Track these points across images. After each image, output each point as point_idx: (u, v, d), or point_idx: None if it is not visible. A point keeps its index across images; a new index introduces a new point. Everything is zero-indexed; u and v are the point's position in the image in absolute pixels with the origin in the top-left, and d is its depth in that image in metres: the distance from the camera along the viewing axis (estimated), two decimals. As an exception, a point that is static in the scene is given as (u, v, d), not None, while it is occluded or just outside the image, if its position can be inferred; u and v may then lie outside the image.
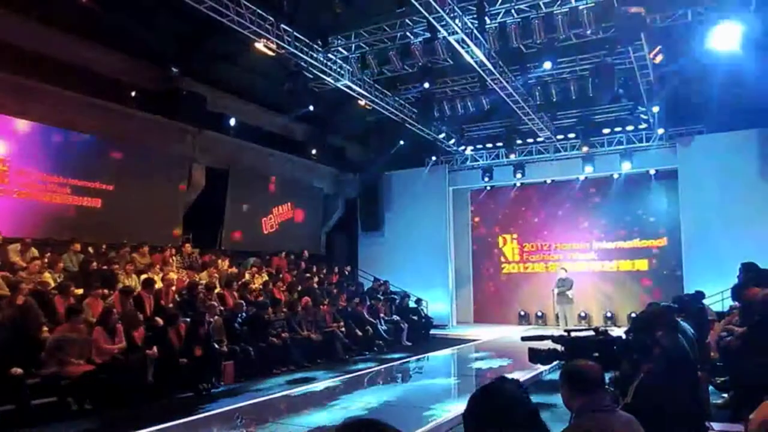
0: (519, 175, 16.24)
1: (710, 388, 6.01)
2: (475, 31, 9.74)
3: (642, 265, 15.74)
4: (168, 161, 12.24)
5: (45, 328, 7.36)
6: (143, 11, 10.69)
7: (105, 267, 9.46)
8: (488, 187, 17.63)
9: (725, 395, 6.33)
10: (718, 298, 11.53)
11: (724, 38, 9.31)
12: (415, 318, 14.47)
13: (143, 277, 9.53)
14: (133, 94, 12.14)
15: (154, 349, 7.81)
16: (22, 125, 9.67)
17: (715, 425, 4.65)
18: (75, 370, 6.90)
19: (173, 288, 9.79)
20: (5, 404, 6.24)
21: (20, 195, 9.60)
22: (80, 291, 8.54)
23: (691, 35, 10.59)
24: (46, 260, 8.76)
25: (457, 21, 9.25)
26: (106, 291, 8.67)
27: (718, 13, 9.11)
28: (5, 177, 9.38)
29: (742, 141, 13.48)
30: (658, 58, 10.59)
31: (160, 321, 8.58)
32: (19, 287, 7.62)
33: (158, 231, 11.76)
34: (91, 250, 9.99)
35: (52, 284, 8.36)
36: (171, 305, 9.35)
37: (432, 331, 14.95)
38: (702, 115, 13.62)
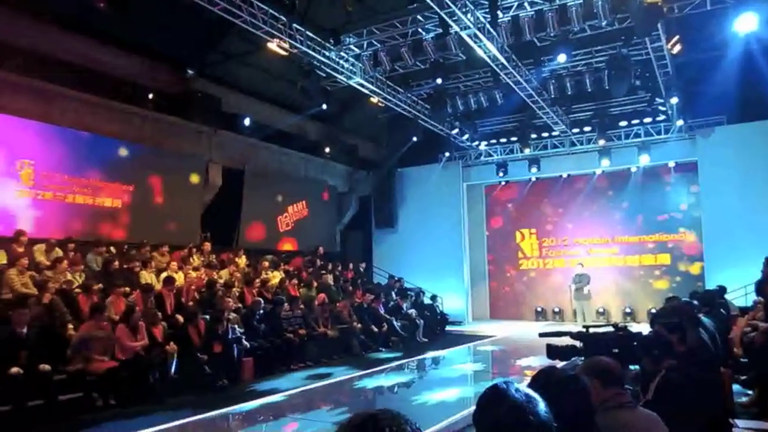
0: (534, 170, 16.12)
1: (734, 385, 5.92)
2: (487, 25, 9.67)
3: (664, 259, 15.52)
4: (185, 161, 12.38)
5: (70, 326, 7.53)
6: (158, 14, 10.80)
7: (126, 266, 9.63)
8: (503, 182, 17.53)
9: (750, 392, 6.23)
10: (741, 293, 11.34)
11: (745, 26, 9.14)
12: (431, 314, 14.48)
13: (164, 275, 9.68)
14: (150, 96, 12.29)
15: (172, 344, 7.93)
16: (45, 128, 9.84)
17: (740, 423, 4.59)
18: (99, 367, 7.06)
19: (193, 286, 9.92)
20: (34, 399, 6.40)
21: (45, 196, 9.81)
22: (97, 287, 8.60)
23: (710, 24, 10.40)
24: (70, 260, 8.92)
25: (469, 16, 9.20)
26: (127, 289, 8.82)
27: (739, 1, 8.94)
28: (31, 179, 9.59)
29: (764, 131, 13.17)
30: (676, 49, 10.41)
31: (180, 318, 8.72)
32: (46, 286, 7.82)
33: (177, 230, 11.92)
34: (113, 249, 10.17)
35: (77, 283, 8.53)
36: (191, 303, 9.48)
37: (448, 328, 14.95)
38: (722, 105, 13.32)
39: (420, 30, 10.73)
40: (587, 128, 15.41)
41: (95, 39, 10.80)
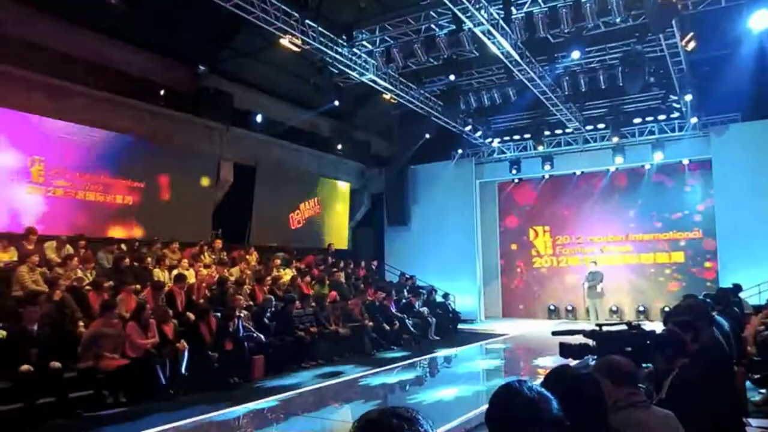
0: (548, 167, 16.01)
1: (747, 383, 5.82)
2: (501, 21, 9.59)
3: (678, 257, 15.34)
4: (197, 158, 12.43)
5: (81, 324, 7.57)
6: (170, 11, 10.85)
7: (138, 263, 9.68)
8: (516, 180, 17.42)
9: (763, 391, 6.13)
10: (755, 291, 11.19)
11: (759, 23, 9.00)
12: (443, 312, 14.43)
13: (174, 272, 9.72)
14: (161, 93, 12.36)
15: (183, 342, 7.94)
16: (56, 125, 9.90)
17: (753, 421, 4.52)
18: (110, 364, 7.09)
19: (204, 284, 9.95)
20: (45, 396, 6.43)
21: (55, 193, 9.89)
22: (108, 284, 8.64)
23: (724, 21, 10.23)
24: (81, 257, 8.99)
25: (482, 12, 9.12)
26: (138, 286, 8.86)
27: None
28: (41, 176, 9.66)
29: (779, 129, 12.98)
30: (691, 46, 10.27)
31: (191, 316, 8.75)
32: (57, 284, 7.86)
33: (189, 227, 11.97)
34: (124, 246, 10.23)
35: (87, 280, 8.59)
36: (202, 300, 9.52)
37: (460, 326, 14.89)
38: (736, 103, 13.16)
39: (433, 26, 10.67)
40: (601, 125, 15.28)
41: (107, 35, 10.86)
